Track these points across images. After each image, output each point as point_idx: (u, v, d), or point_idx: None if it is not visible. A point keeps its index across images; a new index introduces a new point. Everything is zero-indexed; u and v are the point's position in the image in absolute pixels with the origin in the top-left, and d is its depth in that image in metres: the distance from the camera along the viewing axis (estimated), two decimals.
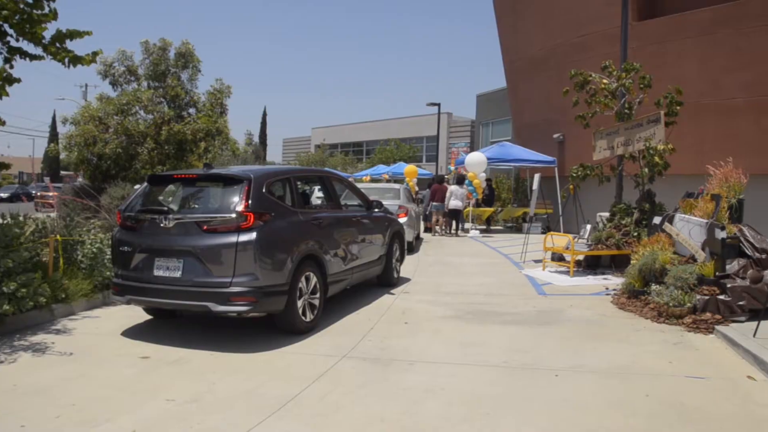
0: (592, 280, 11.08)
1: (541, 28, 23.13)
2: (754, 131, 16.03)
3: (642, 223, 11.35)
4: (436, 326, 7.62)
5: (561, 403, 5.00)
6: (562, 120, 19.93)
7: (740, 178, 8.91)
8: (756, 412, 4.92)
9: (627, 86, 12.25)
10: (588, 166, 12.71)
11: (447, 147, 51.49)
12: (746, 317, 7.48)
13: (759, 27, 15.98)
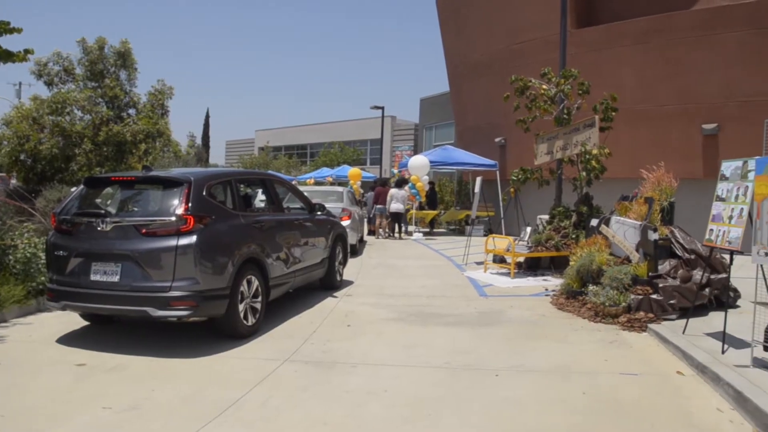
0: (532, 281, 11.30)
1: (483, 33, 23.46)
2: (685, 137, 16.64)
3: (580, 226, 11.63)
4: (379, 328, 7.65)
5: (502, 402, 5.09)
6: (504, 124, 20.25)
7: (671, 182, 9.24)
8: (684, 405, 5.13)
9: (566, 92, 12.56)
10: (528, 170, 13.00)
11: (391, 150, 51.70)
12: (677, 315, 7.78)
13: (688, 38, 16.62)
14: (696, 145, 16.54)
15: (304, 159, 60.82)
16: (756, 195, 5.71)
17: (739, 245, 6.12)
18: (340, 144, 53.86)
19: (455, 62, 26.61)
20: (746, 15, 15.80)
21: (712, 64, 16.33)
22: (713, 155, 15.53)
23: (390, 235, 20.62)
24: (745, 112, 15.08)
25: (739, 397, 5.03)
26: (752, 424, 4.70)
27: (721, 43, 16.15)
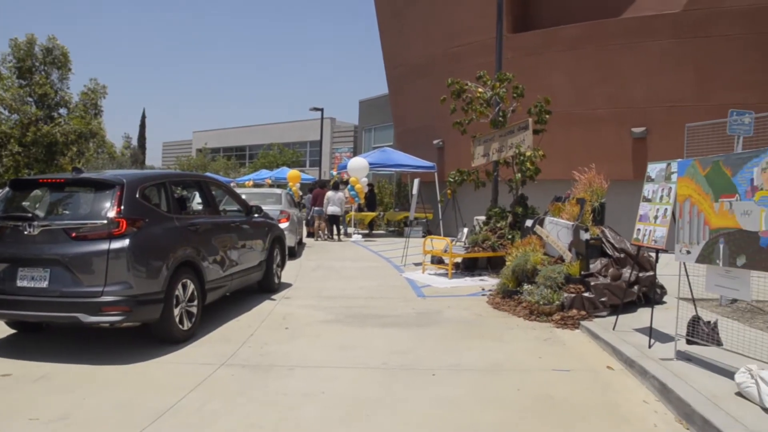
0: (470, 281, 11.47)
1: (421, 36, 23.68)
2: (615, 140, 17.20)
3: (516, 226, 11.87)
4: (316, 331, 7.64)
5: (438, 401, 5.15)
6: (442, 127, 20.48)
7: (602, 183, 9.53)
8: (613, 398, 5.31)
9: (501, 95, 12.80)
10: (465, 172, 13.21)
11: (330, 152, 51.60)
12: (607, 312, 8.04)
13: (617, 45, 17.22)
14: (626, 147, 17.11)
15: (243, 161, 60.10)
16: (678, 196, 5.95)
17: (664, 244, 6.37)
18: (279, 146, 53.43)
19: (394, 65, 26.77)
20: (668, 25, 16.52)
21: (640, 71, 16.96)
22: (642, 157, 16.08)
23: (329, 237, 20.59)
24: (671, 117, 15.67)
25: (663, 388, 5.25)
26: (675, 413, 4.92)
27: (647, 51, 16.81)
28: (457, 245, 12.38)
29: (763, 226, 4.76)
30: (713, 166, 5.38)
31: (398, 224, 24.06)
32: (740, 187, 5.02)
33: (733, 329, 6.39)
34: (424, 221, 21.45)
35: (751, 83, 15.43)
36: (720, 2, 15.89)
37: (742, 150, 7.42)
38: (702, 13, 16.11)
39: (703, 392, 4.96)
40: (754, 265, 4.93)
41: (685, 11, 16.30)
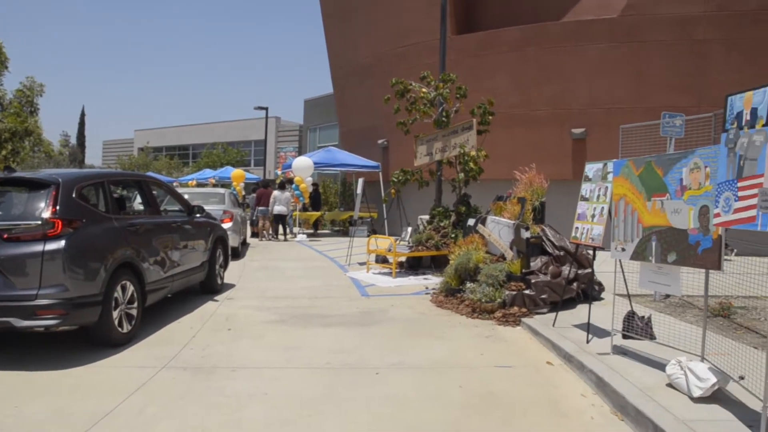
0: (414, 280, 11.56)
1: (366, 36, 23.72)
2: (556, 140, 17.59)
3: (459, 225, 12.01)
4: (260, 331, 7.58)
5: (382, 400, 5.18)
6: (386, 126, 20.55)
7: (542, 183, 9.74)
8: (553, 393, 5.44)
9: (444, 95, 12.93)
10: (408, 171, 13.30)
11: (275, 151, 51.22)
12: (548, 309, 8.22)
13: (558, 48, 17.63)
14: (566, 148, 17.52)
15: (186, 160, 59.12)
16: (614, 195, 6.14)
17: (600, 242, 6.55)
18: (223, 145, 52.78)
19: (339, 64, 26.74)
20: (606, 29, 17.04)
21: (580, 73, 17.41)
22: (582, 158, 16.47)
23: (273, 237, 20.44)
24: (609, 118, 16.11)
25: (600, 382, 5.40)
26: (610, 405, 5.08)
27: (586, 54, 17.27)
28: (401, 244, 12.46)
29: (692, 224, 4.95)
30: (646, 166, 5.56)
31: (343, 224, 24.05)
32: (671, 187, 5.21)
33: (666, 323, 6.62)
34: (368, 220, 21.51)
35: (683, 87, 16.04)
36: (653, 10, 16.48)
37: (674, 151, 7.69)
38: (637, 19, 16.65)
39: (637, 384, 5.13)
40: (684, 262, 5.12)
41: (621, 17, 16.82)
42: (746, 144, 4.08)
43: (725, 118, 4.34)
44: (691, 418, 4.39)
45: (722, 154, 4.35)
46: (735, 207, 4.16)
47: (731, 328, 7.25)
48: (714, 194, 4.48)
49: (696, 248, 4.93)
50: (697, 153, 4.96)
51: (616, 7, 16.93)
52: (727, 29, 16.03)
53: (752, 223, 3.97)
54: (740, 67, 15.39)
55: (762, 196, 3.89)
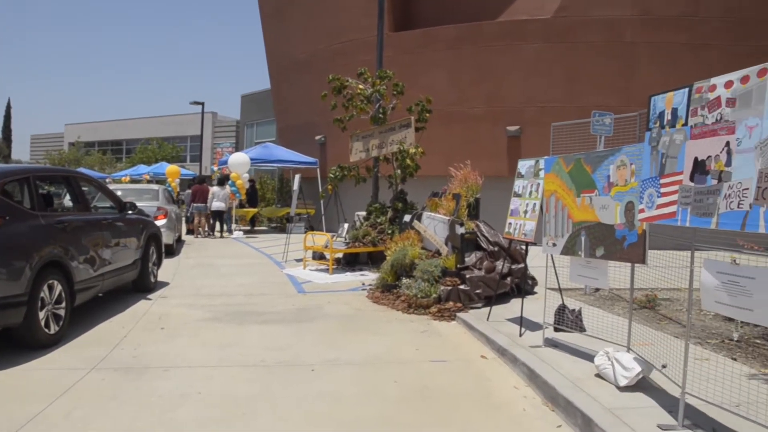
0: (350, 276, 11.57)
1: (304, 31, 23.57)
2: (492, 138, 17.88)
3: (395, 221, 12.08)
4: (194, 330, 7.45)
5: (317, 396, 5.17)
6: (324, 123, 20.51)
7: (477, 180, 9.89)
8: (486, 386, 5.54)
9: (381, 92, 12.98)
10: (345, 167, 13.30)
11: (212, 147, 50.39)
12: (482, 303, 8.35)
13: (494, 46, 17.92)
14: (501, 145, 17.83)
15: (120, 156, 57.51)
16: (545, 191, 6.28)
17: (533, 237, 6.69)
18: (158, 140, 51.57)
19: (276, 59, 26.49)
20: (540, 30, 17.42)
21: (515, 72, 17.74)
22: (516, 155, 16.73)
23: (210, 234, 20.13)
24: (543, 116, 16.46)
25: (531, 374, 5.53)
26: (542, 397, 5.20)
27: (521, 53, 17.62)
28: (338, 241, 12.45)
29: (618, 220, 5.12)
30: (576, 163, 5.71)
31: (280, 220, 23.85)
32: (599, 183, 5.36)
33: (596, 316, 6.82)
34: (305, 217, 21.41)
35: (613, 87, 16.55)
36: (585, 12, 16.95)
37: (604, 149, 7.91)
38: (569, 20, 17.08)
39: (567, 376, 5.28)
40: (611, 256, 5.29)
41: (554, 17, 17.22)
42: (668, 143, 4.23)
43: (649, 118, 4.49)
44: (617, 406, 4.54)
45: (646, 152, 4.50)
46: (658, 203, 4.31)
47: (656, 319, 7.52)
48: (639, 191, 4.63)
49: (622, 243, 5.10)
50: (623, 151, 5.12)
51: (550, 8, 17.33)
52: (653, 33, 16.66)
53: (673, 219, 4.12)
54: (665, 69, 15.99)
55: (682, 193, 4.04)
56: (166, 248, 12.64)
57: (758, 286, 3.67)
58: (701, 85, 3.98)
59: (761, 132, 3.46)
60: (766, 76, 3.49)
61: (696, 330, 7.01)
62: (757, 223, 3.42)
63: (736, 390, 4.44)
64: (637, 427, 4.16)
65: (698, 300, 4.19)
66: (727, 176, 3.67)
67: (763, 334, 6.68)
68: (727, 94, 3.75)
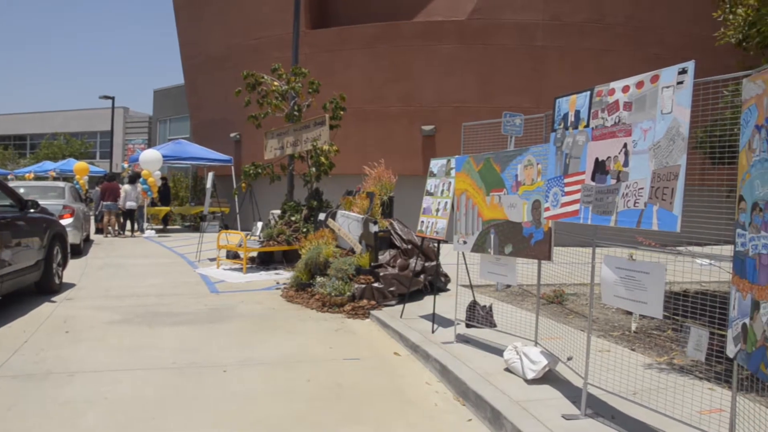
0: (265, 275, 11.45)
1: (219, 26, 23.13)
2: (407, 137, 18.08)
3: (310, 220, 12.04)
4: (101, 333, 7.19)
5: (229, 397, 5.09)
6: (239, 120, 20.18)
7: (391, 178, 9.97)
8: (399, 383, 5.59)
9: (296, 90, 12.90)
10: (260, 165, 13.16)
11: (123, 143, 48.75)
12: (396, 301, 8.43)
13: (410, 46, 18.13)
14: (417, 144, 18.06)
15: (24, 151, 54.78)
16: (456, 190, 6.39)
17: (444, 235, 6.80)
18: (65, 135, 49.41)
19: (191, 54, 25.89)
20: (455, 31, 17.75)
21: (430, 72, 17.99)
22: (431, 154, 16.99)
23: (120, 233, 19.48)
24: (457, 116, 16.73)
25: (443, 370, 5.62)
26: (453, 392, 5.30)
27: (437, 54, 17.89)
28: (252, 240, 12.30)
29: (526, 218, 5.27)
30: (485, 162, 5.85)
31: (194, 219, 23.34)
32: (507, 182, 5.51)
33: (506, 311, 6.99)
34: (220, 215, 21.04)
35: (524, 89, 17.04)
36: (498, 15, 17.38)
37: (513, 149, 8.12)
38: (483, 23, 17.47)
39: (478, 370, 5.39)
40: (519, 253, 5.44)
41: (469, 20, 17.57)
42: (571, 143, 4.39)
43: (554, 119, 4.65)
44: (524, 398, 4.68)
45: (551, 152, 4.65)
46: (562, 201, 4.46)
47: (563, 314, 7.79)
48: (545, 189, 4.79)
49: (529, 240, 5.25)
50: (530, 151, 5.27)
51: (465, 10, 17.65)
52: (561, 37, 17.28)
53: (576, 217, 4.29)
54: (573, 73, 16.61)
55: (584, 192, 4.21)
56: (72, 248, 12.17)
57: (652, 281, 3.86)
58: (601, 89, 4.16)
59: (654, 135, 3.65)
60: (658, 81, 3.67)
61: (599, 323, 7.31)
62: (650, 220, 3.60)
63: (634, 379, 4.67)
64: (543, 418, 4.30)
65: (600, 294, 4.37)
66: (625, 176, 3.85)
67: (659, 325, 7.03)
68: (625, 98, 3.92)
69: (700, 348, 3.83)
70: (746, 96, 3.34)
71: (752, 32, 6.08)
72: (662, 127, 3.60)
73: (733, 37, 6.76)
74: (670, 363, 5.70)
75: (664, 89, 3.63)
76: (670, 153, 3.53)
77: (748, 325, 3.18)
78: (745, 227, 3.26)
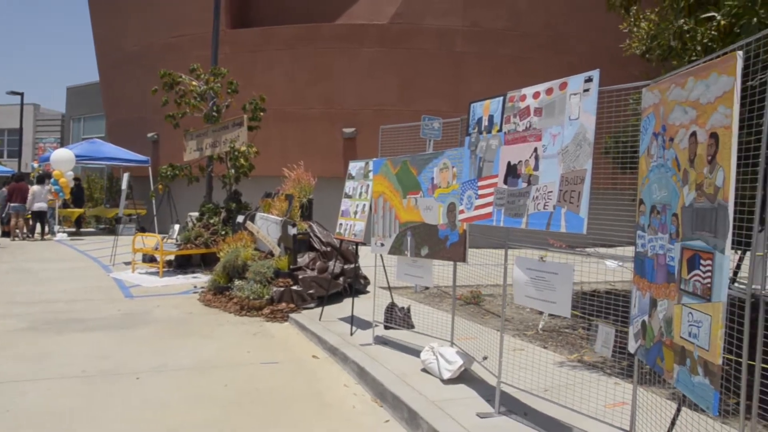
0: (182, 279, 11.20)
1: (137, 22, 22.46)
2: (328, 139, 18.05)
3: (229, 222, 11.85)
4: (6, 341, 6.83)
5: (142, 405, 4.96)
6: (156, 119, 19.66)
7: (310, 180, 9.94)
8: (317, 385, 5.59)
9: (215, 90, 12.69)
10: (177, 166, 12.88)
11: (33, 142, 46.64)
12: (315, 304, 8.41)
13: (332, 48, 18.11)
14: (338, 146, 18.05)
15: None
16: (374, 192, 6.43)
17: (362, 237, 6.83)
18: None
19: (106, 51, 25.02)
20: (376, 34, 17.86)
21: (351, 74, 18.03)
22: (352, 156, 17.04)
23: (29, 236, 18.65)
24: (378, 119, 16.82)
25: (361, 372, 5.65)
26: (371, 393, 5.33)
27: (358, 56, 17.95)
28: (168, 243, 12.01)
29: (441, 220, 5.36)
30: (402, 165, 5.90)
31: (109, 221, 22.58)
32: (424, 185, 5.58)
33: (424, 313, 7.09)
34: (135, 218, 20.45)
35: (444, 93, 17.30)
36: (419, 20, 17.60)
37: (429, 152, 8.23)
38: (404, 27, 17.65)
39: (395, 372, 5.44)
40: (435, 255, 5.52)
41: (390, 23, 17.71)
42: (485, 147, 4.49)
43: (468, 123, 4.75)
44: (441, 398, 4.76)
45: (466, 156, 4.75)
46: (476, 204, 4.56)
47: (480, 314, 7.95)
48: (460, 192, 4.88)
49: (445, 242, 5.34)
50: (446, 154, 5.36)
51: (386, 14, 17.78)
52: (480, 43, 17.64)
53: (489, 219, 4.38)
54: (491, 79, 16.96)
55: (497, 195, 4.31)
56: None
57: (560, 281, 3.99)
58: (513, 94, 4.27)
59: (563, 140, 3.77)
60: (566, 89, 3.80)
61: (515, 323, 7.50)
62: (559, 222, 3.73)
63: (546, 376, 4.82)
64: (459, 417, 4.38)
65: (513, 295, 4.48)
66: (535, 180, 3.96)
67: (571, 324, 7.27)
68: (535, 104, 4.05)
69: (607, 345, 3.99)
70: (645, 105, 3.50)
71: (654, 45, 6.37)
72: (570, 133, 3.73)
73: (637, 48, 7.07)
74: (581, 360, 5.91)
75: (572, 96, 3.77)
76: (577, 157, 3.66)
77: (647, 322, 3.33)
78: (645, 229, 3.42)
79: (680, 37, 5.85)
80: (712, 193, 2.69)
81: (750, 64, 2.91)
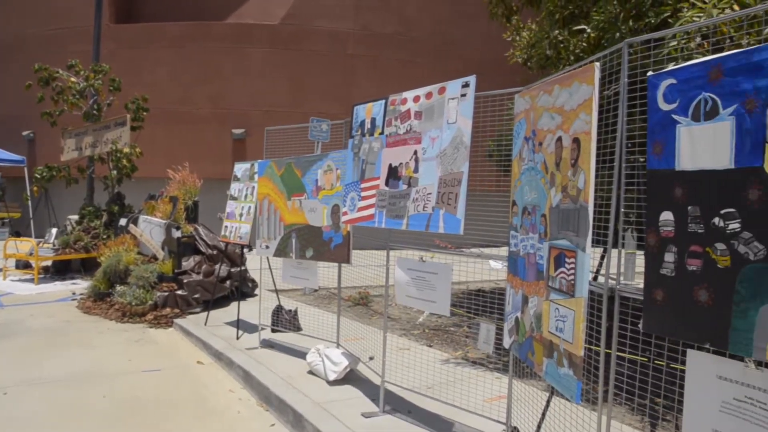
0: (60, 285, 10.65)
1: (12, 11, 21.14)
2: (217, 140, 17.72)
3: (111, 225, 11.40)
4: None
5: (9, 423, 4.66)
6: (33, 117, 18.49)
7: (196, 182, 9.71)
8: (202, 392, 5.46)
9: (96, 87, 12.16)
10: (54, 167, 12.26)
11: None
12: (201, 308, 8.23)
13: (221, 48, 17.80)
14: (227, 147, 17.74)
15: None
16: (259, 194, 6.37)
17: (248, 239, 6.74)
18: None
19: None
20: (267, 35, 17.72)
21: (241, 75, 17.78)
22: (242, 158, 16.79)
23: None
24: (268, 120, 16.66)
25: (246, 376, 5.58)
26: (257, 398, 5.28)
27: (248, 57, 17.74)
28: (45, 247, 11.39)
29: (326, 222, 5.37)
30: (287, 167, 5.88)
31: None
32: (308, 187, 5.58)
33: (312, 315, 7.08)
34: (7, 221, 19.26)
35: (335, 95, 17.39)
36: (310, 22, 17.60)
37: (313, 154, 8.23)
38: (296, 28, 17.60)
39: (281, 375, 5.41)
40: (320, 257, 5.53)
41: (281, 24, 17.60)
42: (367, 150, 4.54)
43: (352, 126, 4.79)
44: (326, 399, 4.77)
45: (349, 158, 4.79)
46: (359, 206, 4.60)
47: (368, 315, 8.02)
48: (343, 194, 4.90)
49: (329, 244, 5.36)
50: (330, 156, 5.38)
51: (277, 14, 17.65)
52: (370, 47, 17.84)
53: (371, 221, 4.44)
54: (380, 81, 17.22)
55: (379, 196, 4.37)
56: None
57: (440, 280, 4.10)
58: (395, 98, 4.35)
59: (441, 143, 3.87)
60: (445, 93, 3.91)
61: (401, 322, 7.63)
62: (437, 224, 3.82)
63: (430, 374, 4.93)
64: (343, 417, 4.41)
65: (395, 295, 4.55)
66: (415, 182, 4.05)
67: (456, 322, 7.48)
68: (416, 107, 4.13)
69: (488, 342, 4.14)
70: (517, 110, 3.66)
71: (533, 53, 6.67)
72: (448, 136, 3.83)
73: (519, 57, 7.37)
74: (465, 357, 6.09)
75: (450, 100, 3.87)
76: (454, 160, 3.77)
77: (520, 319, 3.48)
78: (517, 229, 3.57)
79: (555, 47, 6.16)
80: (575, 195, 2.84)
81: (606, 75, 3.11)
